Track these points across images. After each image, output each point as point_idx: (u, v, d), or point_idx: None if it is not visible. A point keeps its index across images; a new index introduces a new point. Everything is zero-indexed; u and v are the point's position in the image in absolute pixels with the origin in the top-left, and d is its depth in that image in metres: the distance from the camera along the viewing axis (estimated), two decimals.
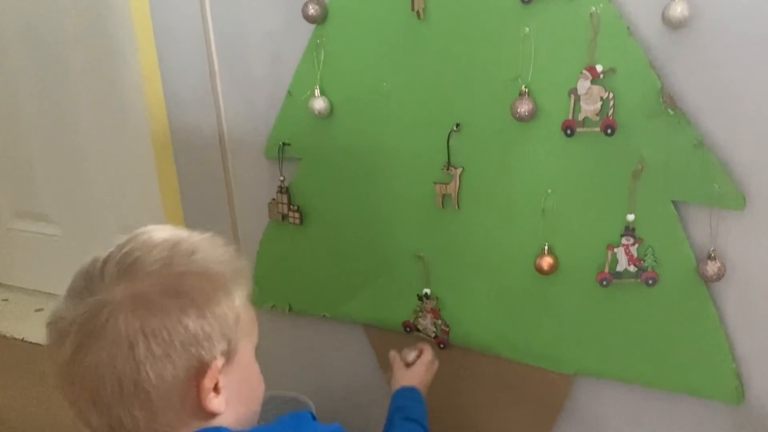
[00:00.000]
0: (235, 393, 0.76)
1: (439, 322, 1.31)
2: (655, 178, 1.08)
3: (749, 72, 1.00)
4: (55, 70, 1.89)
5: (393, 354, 1.20)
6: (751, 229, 1.07)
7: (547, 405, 1.30)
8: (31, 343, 2.09)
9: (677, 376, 1.17)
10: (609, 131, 1.07)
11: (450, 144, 1.20)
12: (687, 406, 1.19)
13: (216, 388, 0.74)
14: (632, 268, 1.13)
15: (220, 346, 0.73)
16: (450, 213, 1.23)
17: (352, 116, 1.25)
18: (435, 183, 1.22)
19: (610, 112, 1.06)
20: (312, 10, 1.18)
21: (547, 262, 1.18)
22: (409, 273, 1.30)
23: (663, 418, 1.22)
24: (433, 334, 1.32)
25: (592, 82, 1.06)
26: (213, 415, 0.74)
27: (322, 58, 1.23)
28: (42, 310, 2.27)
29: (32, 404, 1.81)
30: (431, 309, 1.30)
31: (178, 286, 0.72)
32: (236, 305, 0.75)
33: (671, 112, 1.04)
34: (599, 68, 1.05)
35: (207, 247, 0.77)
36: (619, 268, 1.14)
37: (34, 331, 2.14)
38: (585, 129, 1.09)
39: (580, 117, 1.09)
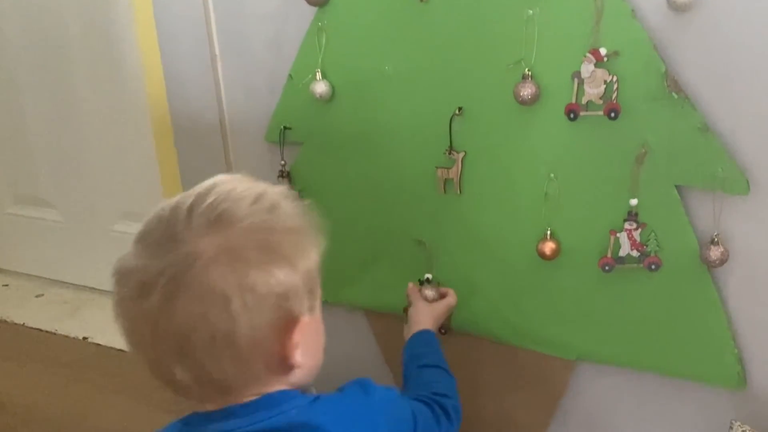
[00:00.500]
0: (309, 345, 0.76)
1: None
2: (659, 162, 1.07)
3: (754, 56, 1.00)
4: (56, 56, 1.89)
5: (412, 287, 1.21)
6: (754, 214, 1.06)
7: (549, 390, 1.30)
8: (31, 328, 2.10)
9: (679, 362, 1.17)
10: (612, 115, 1.06)
11: (452, 128, 1.19)
12: (689, 391, 1.19)
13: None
14: (635, 253, 1.13)
15: (307, 300, 0.74)
16: (452, 197, 1.23)
17: (353, 100, 1.25)
18: (437, 167, 1.22)
19: (614, 95, 1.05)
20: None
21: (549, 246, 1.17)
22: (411, 258, 1.30)
23: (665, 402, 1.22)
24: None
25: (596, 65, 1.05)
26: (291, 368, 0.74)
27: (324, 41, 1.23)
28: (42, 295, 2.28)
29: (33, 388, 1.81)
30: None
31: (270, 241, 0.71)
32: (316, 258, 0.76)
33: (675, 96, 1.03)
34: (603, 51, 1.04)
35: (285, 200, 0.76)
36: (621, 253, 1.13)
37: (35, 316, 2.15)
38: (588, 113, 1.08)
39: (584, 100, 1.08)
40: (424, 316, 1.15)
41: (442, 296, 1.21)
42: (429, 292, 1.20)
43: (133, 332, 0.71)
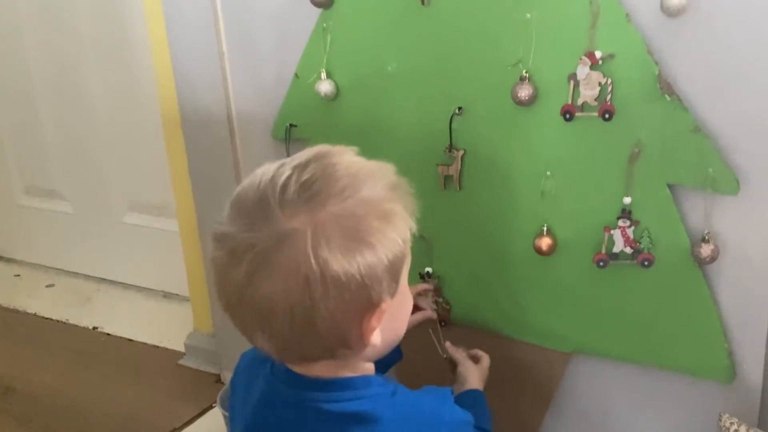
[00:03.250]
0: (387, 326, 0.77)
1: (441, 300, 1.34)
2: (652, 161, 1.10)
3: (745, 59, 1.02)
4: (69, 53, 1.93)
5: (454, 348, 1.19)
6: (744, 213, 1.09)
7: (545, 382, 1.34)
8: (42, 317, 2.15)
9: (672, 356, 1.20)
10: (607, 116, 1.09)
11: (452, 126, 1.22)
12: (681, 384, 1.22)
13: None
14: (628, 250, 1.16)
15: (390, 286, 0.75)
16: (452, 194, 1.26)
17: (357, 99, 1.28)
18: (437, 164, 1.25)
19: (608, 97, 1.09)
20: None
21: (546, 242, 1.21)
22: (412, 252, 1.33)
23: (658, 395, 1.26)
24: (434, 312, 1.35)
25: (591, 67, 1.08)
26: (366, 346, 0.76)
27: (329, 41, 1.26)
28: (53, 285, 2.33)
29: (45, 376, 1.86)
30: (433, 288, 1.34)
31: (358, 229, 0.71)
32: (405, 241, 0.76)
33: (668, 98, 1.06)
34: (598, 54, 1.08)
35: (382, 182, 0.76)
36: (615, 250, 1.17)
37: (46, 306, 2.20)
38: (584, 113, 1.11)
39: (579, 102, 1.11)
40: (475, 376, 1.13)
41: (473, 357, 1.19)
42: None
43: (222, 293, 0.75)
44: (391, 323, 0.79)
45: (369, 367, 0.84)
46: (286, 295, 0.70)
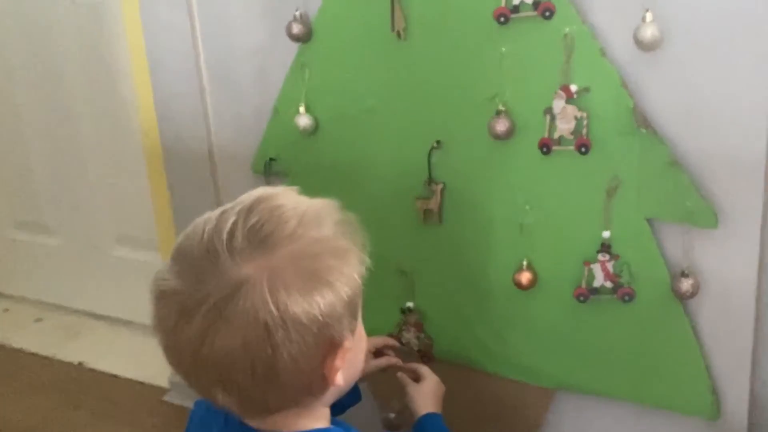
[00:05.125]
0: (348, 364, 0.76)
1: (423, 335, 1.33)
2: (629, 195, 1.10)
3: (720, 92, 1.02)
4: (56, 87, 1.95)
5: (400, 375, 1.15)
6: (724, 247, 1.08)
7: (529, 419, 1.32)
8: (28, 353, 2.13)
9: (655, 392, 1.18)
10: (583, 150, 1.09)
11: (431, 160, 1.22)
12: (665, 421, 1.20)
13: None
14: (609, 284, 1.15)
15: (350, 323, 0.74)
16: (432, 228, 1.26)
17: (336, 133, 1.28)
18: (417, 198, 1.25)
19: (584, 131, 1.08)
20: (295, 29, 1.21)
21: (526, 277, 1.19)
22: (393, 286, 1.32)
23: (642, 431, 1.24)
24: (416, 348, 1.34)
25: (567, 101, 1.08)
26: (329, 387, 0.75)
27: (307, 76, 1.26)
28: (41, 320, 2.31)
29: (28, 414, 1.84)
30: (414, 322, 1.32)
31: (314, 268, 0.70)
32: (360, 276, 0.75)
33: (644, 131, 1.05)
34: (573, 88, 1.07)
35: (330, 219, 0.75)
36: (596, 284, 1.15)
37: (33, 340, 2.18)
38: (561, 147, 1.11)
39: (556, 135, 1.11)
40: (420, 399, 1.10)
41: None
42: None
43: (173, 354, 0.72)
44: (351, 361, 0.77)
45: (326, 413, 0.82)
46: (245, 348, 0.67)
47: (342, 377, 0.75)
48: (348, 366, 0.76)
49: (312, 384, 0.73)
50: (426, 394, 1.11)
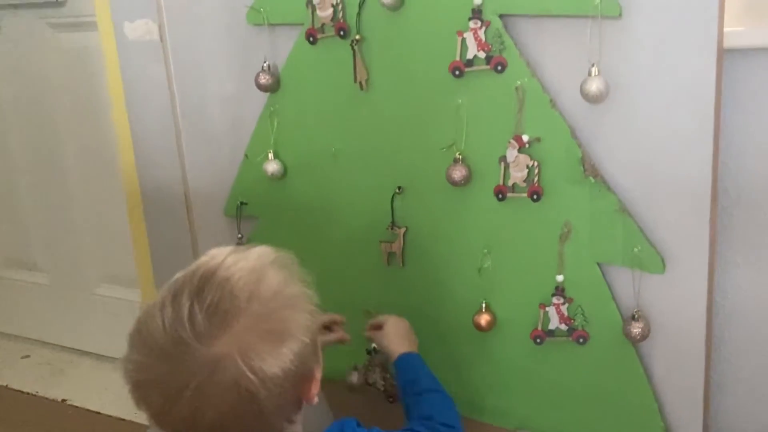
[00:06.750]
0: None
1: (388, 376, 1.35)
2: (581, 241, 1.13)
3: (664, 141, 1.06)
4: (44, 130, 2.01)
5: (366, 335, 1.24)
6: (673, 290, 1.11)
7: None
8: (13, 390, 2.15)
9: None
10: (535, 197, 1.13)
11: (394, 205, 1.26)
12: None
13: None
14: (564, 327, 1.18)
15: (316, 357, 0.81)
16: (395, 270, 1.29)
17: (303, 178, 1.33)
18: (381, 242, 1.28)
19: (536, 179, 1.12)
20: (263, 79, 1.26)
21: (485, 319, 1.23)
22: (358, 327, 1.35)
23: None
24: (382, 388, 1.36)
25: (519, 150, 1.12)
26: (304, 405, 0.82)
27: (276, 123, 1.31)
28: (28, 356, 2.33)
29: None
30: (380, 363, 1.35)
31: (275, 326, 0.76)
32: (312, 314, 0.80)
33: (592, 180, 1.10)
34: (525, 138, 1.12)
35: (271, 271, 0.79)
36: (551, 327, 1.19)
37: (19, 377, 2.20)
38: (515, 194, 1.15)
39: (510, 183, 1.15)
40: (392, 342, 1.17)
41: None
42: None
43: (167, 427, 0.75)
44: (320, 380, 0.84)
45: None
46: (234, 413, 0.73)
47: (317, 397, 0.83)
48: (319, 387, 0.83)
49: (292, 413, 0.81)
50: (391, 336, 1.18)
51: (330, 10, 1.19)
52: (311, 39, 1.22)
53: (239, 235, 1.40)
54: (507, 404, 1.28)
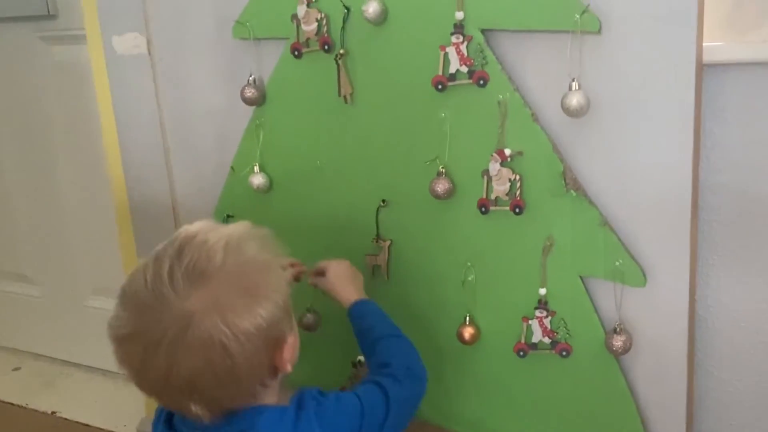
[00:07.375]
0: (292, 353, 0.88)
1: None
2: (563, 254, 1.14)
3: (645, 155, 1.07)
4: (37, 143, 2.03)
5: (310, 281, 1.22)
6: (655, 303, 1.12)
7: None
8: (2, 402, 2.15)
9: None
10: (517, 210, 1.13)
11: (378, 218, 1.27)
12: None
13: None
14: (547, 340, 1.18)
15: (288, 322, 0.87)
16: (380, 282, 1.30)
17: (289, 191, 1.33)
18: (366, 254, 1.29)
19: (518, 192, 1.13)
20: (248, 93, 1.27)
21: (468, 331, 1.23)
22: (343, 340, 1.35)
23: None
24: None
25: (501, 164, 1.13)
26: (279, 373, 0.88)
27: (261, 137, 1.32)
28: (19, 368, 2.33)
29: None
30: (366, 375, 1.35)
31: (248, 285, 0.82)
32: (286, 281, 0.87)
33: (574, 193, 1.10)
34: (507, 152, 1.12)
35: (250, 239, 0.86)
36: (534, 340, 1.19)
37: (9, 389, 2.20)
38: (497, 207, 1.15)
39: (493, 196, 1.15)
40: (343, 289, 1.17)
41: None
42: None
43: (144, 383, 0.83)
44: (294, 349, 0.89)
45: (275, 391, 0.91)
46: (208, 365, 0.79)
47: (290, 365, 0.87)
48: (292, 354, 0.88)
49: (264, 376, 0.86)
50: (334, 281, 1.18)
51: (314, 25, 1.20)
52: (296, 53, 1.23)
53: None
54: (490, 417, 1.28)
